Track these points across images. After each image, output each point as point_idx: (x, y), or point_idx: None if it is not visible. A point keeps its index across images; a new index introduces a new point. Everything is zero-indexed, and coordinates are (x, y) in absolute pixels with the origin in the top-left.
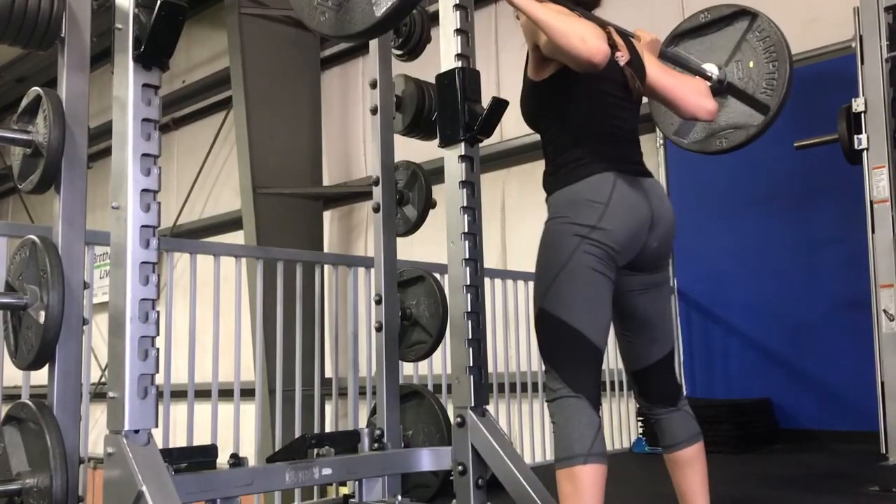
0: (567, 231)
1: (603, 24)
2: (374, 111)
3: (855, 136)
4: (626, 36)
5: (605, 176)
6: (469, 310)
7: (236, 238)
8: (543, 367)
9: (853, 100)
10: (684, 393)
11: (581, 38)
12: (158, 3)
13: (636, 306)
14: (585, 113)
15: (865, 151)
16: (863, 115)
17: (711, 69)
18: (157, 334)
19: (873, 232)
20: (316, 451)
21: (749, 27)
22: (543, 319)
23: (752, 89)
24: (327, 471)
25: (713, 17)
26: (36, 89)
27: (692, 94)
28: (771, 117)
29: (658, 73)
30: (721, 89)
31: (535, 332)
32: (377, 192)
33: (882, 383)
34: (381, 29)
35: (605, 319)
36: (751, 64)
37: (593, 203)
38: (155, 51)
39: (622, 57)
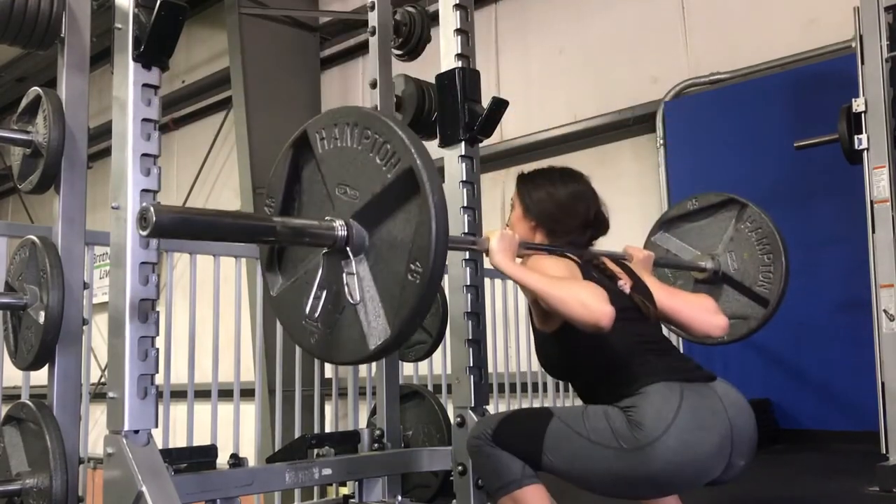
0: (623, 431)
1: (595, 256)
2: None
3: (855, 136)
4: (619, 260)
5: (669, 385)
6: (469, 310)
7: None
8: (502, 415)
9: (853, 100)
10: None
11: (582, 303)
12: (158, 3)
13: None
14: (613, 346)
15: (866, 151)
16: (863, 115)
17: (705, 261)
18: (157, 334)
19: (873, 232)
20: (316, 451)
21: (739, 216)
22: (540, 422)
23: (748, 281)
24: (327, 471)
25: (702, 206)
26: (36, 89)
27: (702, 313)
28: (771, 311)
29: (665, 298)
30: (716, 279)
31: (537, 410)
32: None
33: (882, 383)
34: (373, 360)
35: (576, 485)
36: (745, 255)
37: (656, 417)
38: (155, 51)
39: (625, 285)
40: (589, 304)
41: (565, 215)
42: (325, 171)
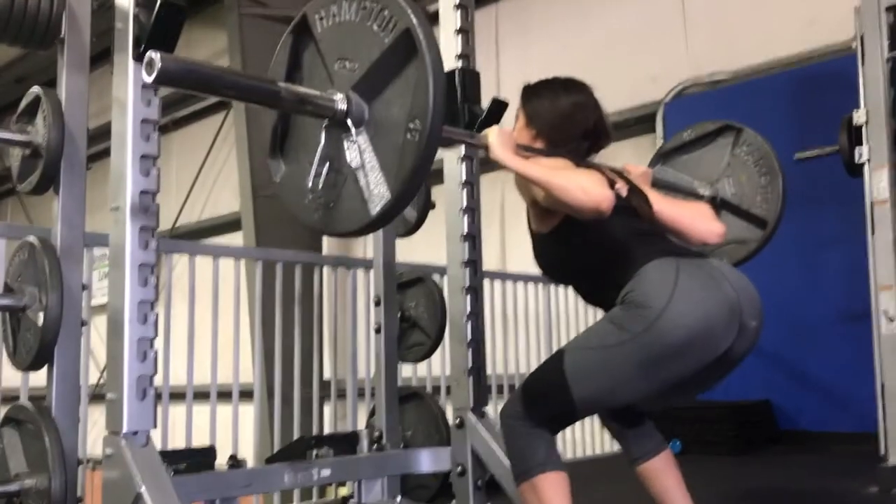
0: (632, 318)
1: (596, 165)
2: None
3: (856, 149)
4: (617, 171)
5: (664, 260)
6: (468, 311)
7: (235, 239)
8: (521, 386)
9: (854, 111)
10: None
11: (582, 189)
12: (158, 3)
13: (698, 388)
14: (610, 239)
15: (867, 164)
16: (864, 126)
17: (703, 188)
18: (156, 336)
19: (873, 233)
20: (315, 452)
21: (735, 142)
22: (556, 366)
23: (746, 204)
24: (326, 472)
25: (697, 135)
26: (35, 89)
27: (699, 219)
28: (770, 231)
29: (661, 205)
30: (715, 206)
31: (548, 360)
32: None
33: (882, 385)
34: (377, 226)
35: (620, 405)
36: (742, 179)
37: (658, 288)
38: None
39: (622, 188)
40: (589, 189)
41: (566, 124)
42: (324, 50)
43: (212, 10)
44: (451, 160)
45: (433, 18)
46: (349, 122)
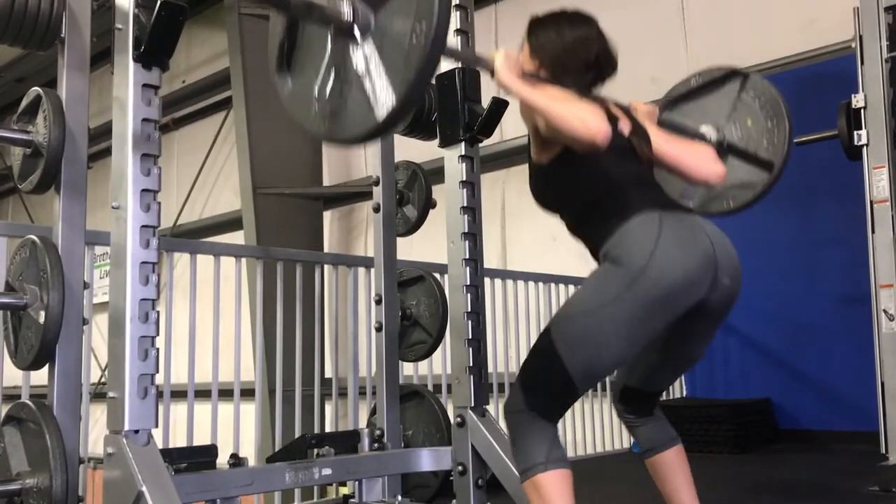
0: (612, 278)
1: (600, 100)
2: None
3: (854, 133)
4: (623, 108)
5: (647, 215)
6: (469, 310)
7: (236, 238)
8: (518, 376)
9: (853, 96)
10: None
11: (581, 119)
12: (158, 3)
13: (685, 349)
14: (604, 178)
15: (865, 147)
16: (862, 110)
17: (710, 132)
18: (157, 334)
19: (873, 232)
20: (316, 451)
21: (742, 87)
22: (545, 343)
23: (752, 147)
24: (327, 471)
25: (704, 81)
26: (36, 89)
27: (700, 160)
28: (776, 174)
29: (663, 144)
30: (721, 150)
31: (536, 341)
32: (377, 192)
33: (882, 383)
34: (383, 131)
35: (609, 371)
36: (748, 122)
37: (639, 245)
38: (155, 51)
39: (625, 126)
40: (587, 120)
41: (569, 57)
42: None
43: (212, 10)
44: (452, 160)
45: None
46: (356, 29)
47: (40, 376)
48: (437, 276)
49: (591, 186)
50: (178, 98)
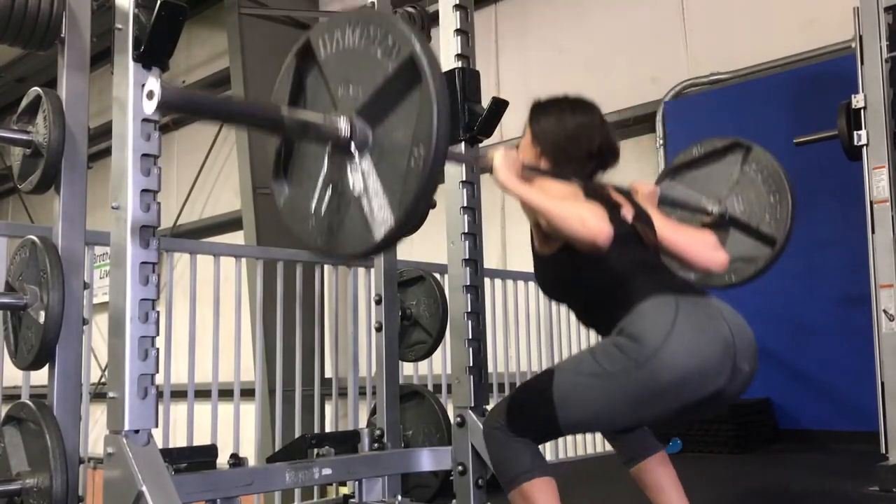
0: (625, 351)
1: (601, 186)
2: None
3: (854, 133)
4: (624, 192)
5: (662, 298)
6: (469, 310)
7: (236, 238)
8: (507, 397)
9: (853, 96)
10: None
11: (581, 220)
12: (158, 3)
13: (685, 419)
14: (609, 267)
15: (865, 147)
16: (862, 111)
17: (712, 205)
18: (157, 334)
19: (873, 232)
20: (316, 451)
21: (744, 159)
22: (544, 385)
23: (755, 222)
24: (327, 471)
25: (707, 151)
26: (36, 89)
27: (703, 248)
28: (779, 250)
29: (666, 231)
30: (723, 223)
31: (538, 375)
32: None
33: (882, 383)
34: (380, 251)
35: (598, 430)
36: (752, 196)
37: (654, 327)
38: (155, 51)
39: (627, 213)
40: (588, 221)
41: (571, 145)
42: (327, 74)
43: (212, 10)
44: None
45: (433, 19)
46: (353, 146)
47: (40, 376)
48: (437, 276)
49: (597, 276)
50: None
